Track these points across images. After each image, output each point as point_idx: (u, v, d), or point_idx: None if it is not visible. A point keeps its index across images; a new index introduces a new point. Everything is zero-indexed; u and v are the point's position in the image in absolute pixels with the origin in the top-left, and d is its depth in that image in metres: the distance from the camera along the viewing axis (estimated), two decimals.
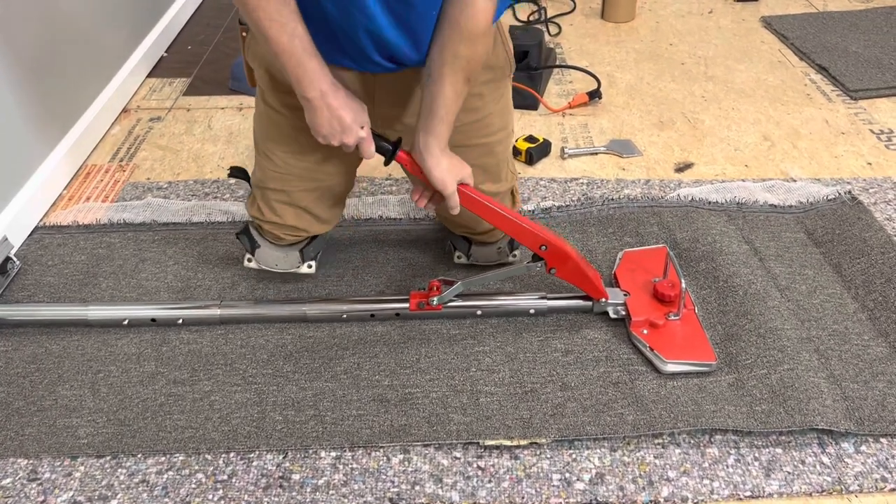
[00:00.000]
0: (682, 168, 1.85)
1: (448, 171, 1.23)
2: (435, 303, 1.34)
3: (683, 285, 1.29)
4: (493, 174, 1.38)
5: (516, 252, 1.51)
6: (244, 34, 1.31)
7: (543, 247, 1.30)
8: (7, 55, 1.63)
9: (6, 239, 1.54)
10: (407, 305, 1.36)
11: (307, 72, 1.11)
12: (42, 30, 1.77)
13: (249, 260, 1.44)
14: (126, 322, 1.38)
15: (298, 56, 1.09)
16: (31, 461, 1.17)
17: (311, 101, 1.13)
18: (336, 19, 1.09)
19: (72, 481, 1.13)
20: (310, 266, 1.46)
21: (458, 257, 1.52)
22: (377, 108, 1.28)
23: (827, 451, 1.16)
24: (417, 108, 1.24)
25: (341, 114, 1.14)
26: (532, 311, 1.38)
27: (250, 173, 1.43)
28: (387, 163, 1.26)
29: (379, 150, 1.24)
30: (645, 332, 1.31)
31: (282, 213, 1.37)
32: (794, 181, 1.77)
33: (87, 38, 1.99)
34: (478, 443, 1.18)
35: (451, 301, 1.35)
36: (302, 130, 1.24)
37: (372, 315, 1.38)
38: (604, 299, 1.35)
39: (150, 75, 2.35)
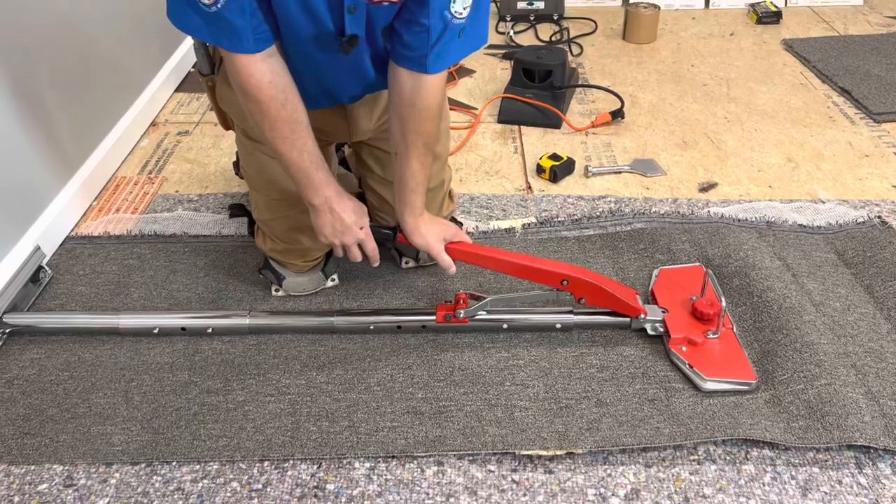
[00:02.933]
0: (706, 188, 1.86)
1: (427, 233, 1.32)
2: (461, 316, 1.35)
3: (724, 304, 1.30)
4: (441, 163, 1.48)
5: None
6: (210, 84, 1.37)
7: (565, 282, 1.34)
8: (39, 71, 1.65)
9: (38, 248, 1.56)
10: (434, 318, 1.36)
11: (313, 182, 1.22)
12: (74, 45, 1.80)
13: (277, 290, 1.50)
14: (157, 330, 1.39)
15: (307, 169, 1.20)
16: (66, 467, 1.17)
17: (317, 206, 1.25)
18: (333, 80, 1.24)
19: (108, 488, 1.13)
20: (333, 280, 1.52)
21: (406, 262, 1.54)
22: (353, 125, 1.38)
23: (864, 471, 1.15)
24: (385, 114, 1.35)
25: (343, 217, 1.26)
26: (558, 326, 1.38)
27: (249, 207, 1.51)
28: (392, 246, 1.37)
29: (381, 237, 1.35)
30: (684, 349, 1.31)
31: (295, 239, 1.42)
32: (823, 202, 1.77)
33: (118, 53, 2.02)
34: (513, 454, 1.17)
35: (477, 315, 1.36)
36: None
37: (399, 327, 1.39)
38: (643, 315, 1.35)
39: (177, 90, 2.38)
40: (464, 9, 1.11)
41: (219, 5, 1.04)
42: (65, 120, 1.74)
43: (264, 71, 1.11)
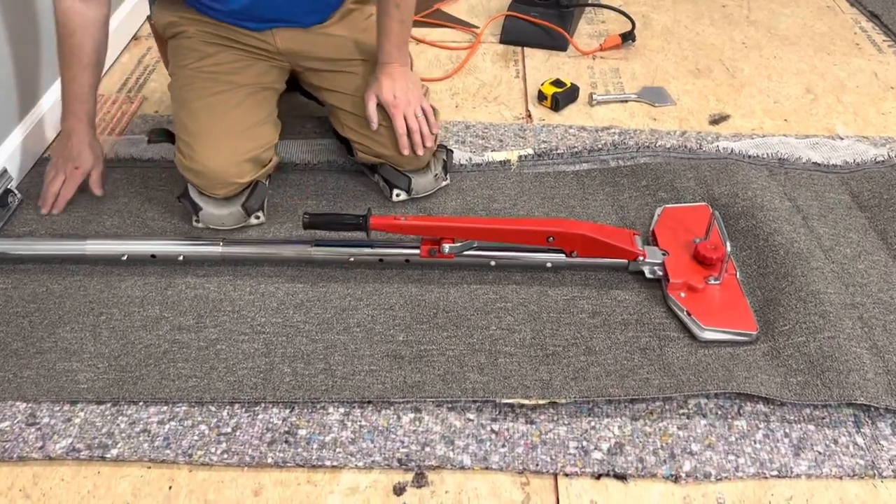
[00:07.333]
0: (717, 120, 1.75)
1: (385, 79, 1.39)
2: (447, 251, 1.28)
3: (728, 249, 1.22)
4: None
5: (447, 176, 1.52)
6: (153, 23, 1.49)
7: (551, 238, 1.26)
8: None
9: (6, 171, 1.48)
10: (418, 252, 1.30)
11: (68, 108, 1.39)
12: None
13: (196, 221, 1.42)
14: (125, 257, 1.32)
15: (69, 96, 1.38)
16: (29, 405, 1.12)
17: (64, 129, 1.41)
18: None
19: (71, 427, 1.09)
20: (258, 217, 1.42)
21: (398, 195, 1.48)
22: (279, 45, 1.43)
23: (862, 430, 1.09)
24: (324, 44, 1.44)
25: (73, 151, 1.42)
26: (549, 265, 1.31)
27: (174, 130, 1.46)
28: (368, 235, 1.29)
29: (354, 226, 1.28)
30: (682, 295, 1.24)
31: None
32: (841, 139, 1.66)
33: None
34: (493, 402, 1.12)
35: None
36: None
37: (380, 260, 1.32)
38: (641, 257, 1.28)
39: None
40: None
41: None
42: (34, 33, 1.63)
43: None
